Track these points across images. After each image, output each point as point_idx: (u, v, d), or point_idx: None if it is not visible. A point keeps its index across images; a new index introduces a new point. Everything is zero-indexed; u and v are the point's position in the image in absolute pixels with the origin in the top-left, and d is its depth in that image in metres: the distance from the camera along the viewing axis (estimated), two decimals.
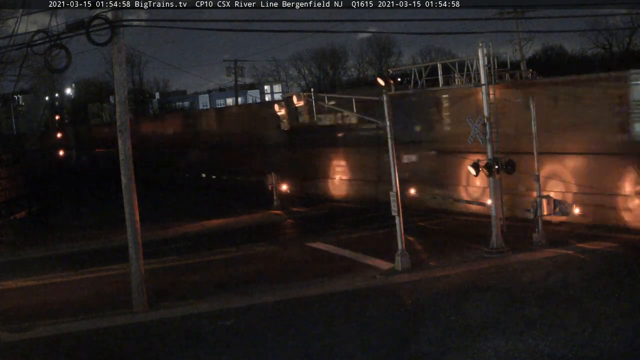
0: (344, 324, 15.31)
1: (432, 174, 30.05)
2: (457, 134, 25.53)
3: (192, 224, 31.97)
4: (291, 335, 14.80)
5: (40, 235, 31.68)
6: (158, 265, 22.70)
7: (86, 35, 16.42)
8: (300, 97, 22.24)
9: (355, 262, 21.67)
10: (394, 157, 20.19)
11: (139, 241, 17.76)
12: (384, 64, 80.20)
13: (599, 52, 65.51)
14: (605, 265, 18.68)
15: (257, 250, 25.08)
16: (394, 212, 19.99)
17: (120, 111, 17.64)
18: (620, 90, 22.41)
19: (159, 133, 58.51)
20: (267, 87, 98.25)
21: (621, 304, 14.99)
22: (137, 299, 17.72)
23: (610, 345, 12.69)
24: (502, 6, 39.75)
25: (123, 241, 19.16)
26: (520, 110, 23.50)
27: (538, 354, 12.54)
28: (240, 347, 14.36)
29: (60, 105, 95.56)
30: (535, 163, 21.93)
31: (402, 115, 26.19)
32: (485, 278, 18.30)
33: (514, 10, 43.96)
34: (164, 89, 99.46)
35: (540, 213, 21.36)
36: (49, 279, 22.63)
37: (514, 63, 44.12)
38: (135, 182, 17.68)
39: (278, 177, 34.65)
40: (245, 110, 56.25)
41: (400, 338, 14.24)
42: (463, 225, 26.36)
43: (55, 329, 16.71)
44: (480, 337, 13.64)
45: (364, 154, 33.40)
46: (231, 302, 17.99)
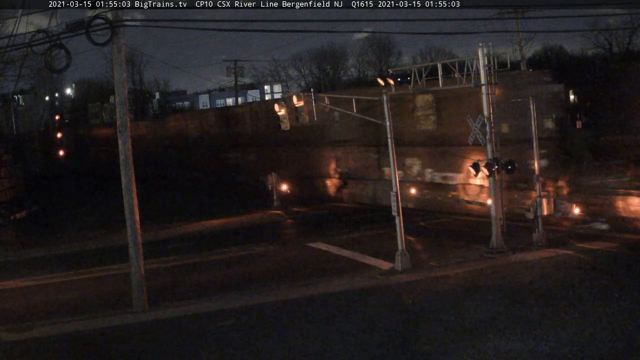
0: (344, 324, 15.31)
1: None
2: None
3: (192, 224, 31.96)
4: (291, 335, 14.80)
5: (40, 235, 31.67)
6: (158, 265, 22.71)
7: (86, 35, 16.43)
8: (300, 97, 22.16)
9: (355, 262, 21.68)
10: (394, 157, 20.19)
11: (139, 241, 17.76)
12: (384, 64, 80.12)
13: (599, 52, 65.45)
14: (605, 265, 18.68)
15: (257, 250, 25.08)
16: (394, 212, 20.00)
17: (120, 111, 17.64)
18: None
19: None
20: (267, 87, 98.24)
21: (621, 304, 14.98)
22: (137, 299, 17.71)
23: (610, 345, 12.68)
24: (502, 6, 39.82)
25: (123, 241, 19.16)
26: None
27: (538, 354, 12.54)
28: (241, 347, 14.36)
29: (60, 105, 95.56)
30: (536, 163, 21.93)
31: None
32: (486, 278, 18.30)
33: (514, 10, 44.00)
34: (164, 89, 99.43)
35: (540, 213, 21.35)
36: (49, 279, 22.62)
37: (514, 63, 44.14)
38: (134, 182, 17.69)
39: (278, 177, 34.68)
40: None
41: (401, 338, 14.23)
42: (463, 225, 26.37)
43: (55, 329, 16.71)
44: (480, 337, 13.64)
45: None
46: (231, 302, 17.99)
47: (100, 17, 16.56)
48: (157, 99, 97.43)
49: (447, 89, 23.41)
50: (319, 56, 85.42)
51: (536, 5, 39.02)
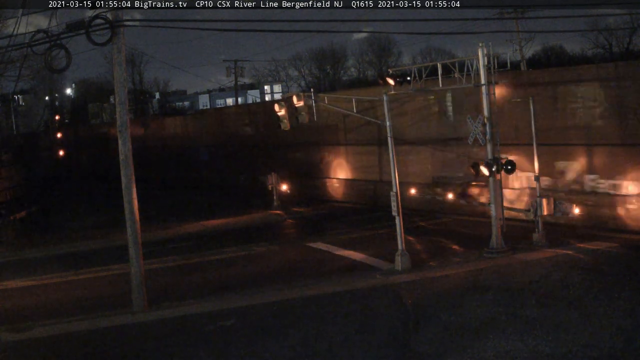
0: (344, 324, 15.31)
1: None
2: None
3: (192, 224, 31.96)
4: (291, 335, 14.80)
5: (40, 235, 31.68)
6: (158, 265, 22.72)
7: (86, 35, 16.43)
8: (300, 97, 22.16)
9: (355, 262, 21.67)
10: (394, 157, 20.20)
11: (139, 241, 17.76)
12: (384, 64, 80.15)
13: (599, 52, 65.46)
14: (605, 265, 18.67)
15: (257, 250, 25.08)
16: (394, 212, 19.99)
17: (120, 111, 17.64)
18: None
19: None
20: (267, 87, 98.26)
21: (621, 304, 14.98)
22: (137, 299, 17.71)
23: (610, 345, 12.68)
24: (502, 6, 39.85)
25: (123, 241, 19.17)
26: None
27: (538, 354, 12.54)
28: (241, 347, 14.36)
29: (60, 105, 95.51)
30: (536, 162, 21.92)
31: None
32: (485, 278, 18.30)
33: (514, 10, 44.03)
34: (164, 89, 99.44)
35: (540, 213, 21.34)
36: (49, 279, 22.64)
37: (514, 63, 44.17)
38: (134, 182, 17.69)
39: (278, 176, 34.67)
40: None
41: (401, 338, 14.24)
42: (463, 225, 26.36)
43: (55, 329, 16.72)
44: (480, 337, 13.63)
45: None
46: (231, 302, 17.99)
47: (100, 17, 16.57)
48: (157, 99, 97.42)
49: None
50: (319, 56, 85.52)
51: (536, 5, 39.06)
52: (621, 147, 23.43)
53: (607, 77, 23.95)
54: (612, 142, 23.65)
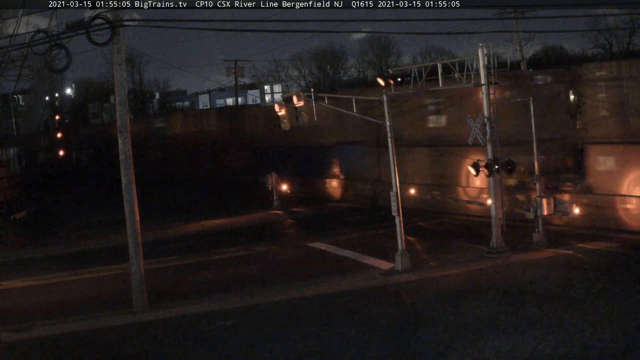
0: (344, 324, 15.31)
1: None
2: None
3: (192, 224, 31.96)
4: (291, 335, 14.79)
5: (40, 235, 31.67)
6: (158, 265, 22.70)
7: (86, 35, 16.42)
8: (300, 97, 22.14)
9: (355, 262, 21.67)
10: (394, 157, 20.19)
11: (139, 241, 17.75)
12: (384, 64, 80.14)
13: (599, 52, 65.49)
14: (605, 265, 18.67)
15: (257, 250, 25.07)
16: (394, 212, 19.99)
17: (120, 111, 17.63)
18: None
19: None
20: (267, 87, 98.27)
21: (621, 304, 14.98)
22: (137, 299, 17.70)
23: (610, 345, 12.68)
24: (502, 6, 39.79)
25: (123, 241, 19.15)
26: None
27: (538, 354, 12.54)
28: (241, 347, 14.36)
29: (60, 105, 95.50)
30: (535, 162, 21.91)
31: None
32: (486, 278, 18.30)
33: (514, 10, 44.00)
34: (164, 89, 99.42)
35: (540, 213, 21.33)
36: (49, 279, 22.63)
37: (514, 63, 44.14)
38: (134, 182, 17.68)
39: (278, 176, 34.67)
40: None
41: (401, 338, 14.24)
42: (463, 225, 26.35)
43: (55, 329, 16.71)
44: (480, 337, 13.64)
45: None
46: (231, 302, 17.99)
47: (100, 17, 16.55)
48: (157, 99, 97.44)
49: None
50: (319, 56, 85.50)
51: (536, 5, 39.03)
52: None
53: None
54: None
